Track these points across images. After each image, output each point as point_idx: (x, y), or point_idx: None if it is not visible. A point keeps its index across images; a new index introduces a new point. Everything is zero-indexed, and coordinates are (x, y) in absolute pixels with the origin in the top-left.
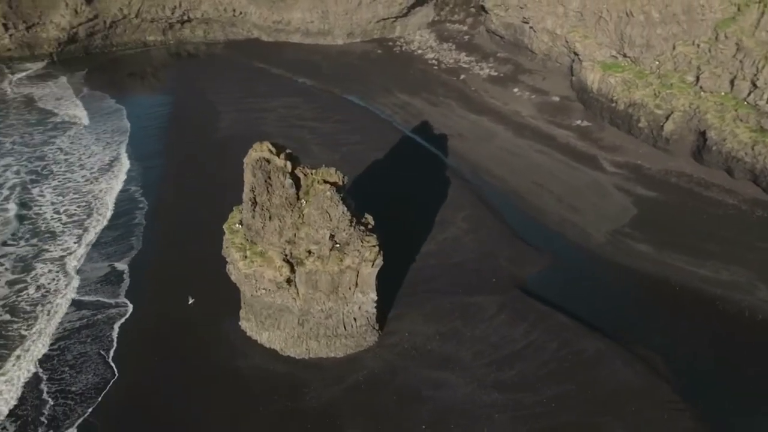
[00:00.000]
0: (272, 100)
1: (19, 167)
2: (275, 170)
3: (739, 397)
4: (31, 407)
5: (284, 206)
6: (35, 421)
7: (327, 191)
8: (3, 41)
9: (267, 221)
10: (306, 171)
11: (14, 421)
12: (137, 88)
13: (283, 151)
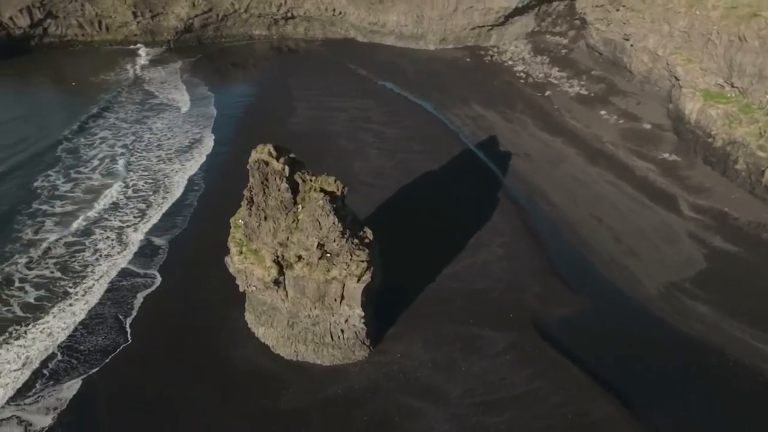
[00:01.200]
0: (348, 100)
1: (114, 141)
2: (273, 173)
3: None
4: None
5: (279, 209)
6: (36, 372)
7: (319, 200)
8: (131, 27)
9: (262, 221)
10: (305, 177)
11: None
12: (234, 77)
13: (284, 155)
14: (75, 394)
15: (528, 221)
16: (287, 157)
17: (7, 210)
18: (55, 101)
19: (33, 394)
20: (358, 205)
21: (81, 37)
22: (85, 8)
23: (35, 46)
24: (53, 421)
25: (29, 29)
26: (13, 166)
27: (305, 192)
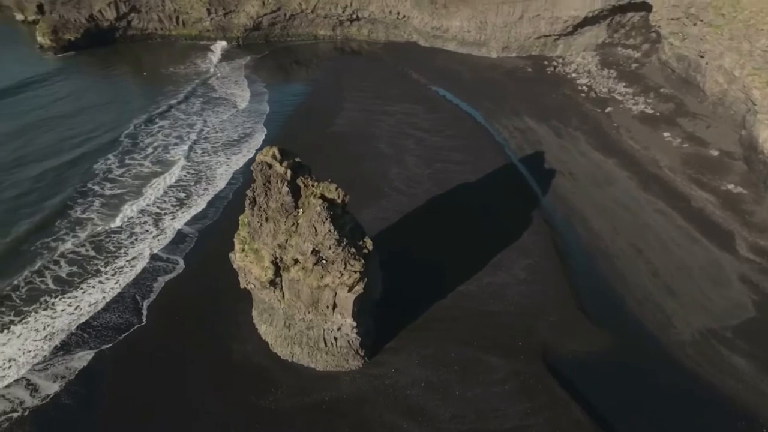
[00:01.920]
0: (397, 105)
1: (170, 131)
2: (275, 176)
3: None
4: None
5: (280, 212)
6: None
7: (317, 206)
8: (205, 23)
9: (264, 222)
10: (307, 182)
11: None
12: (294, 75)
13: (288, 159)
14: (85, 366)
15: (560, 245)
16: (290, 162)
17: (65, 188)
18: (128, 90)
19: (43, 361)
20: (385, 211)
21: (160, 31)
22: (165, 4)
23: (119, 37)
24: (59, 389)
25: (115, 22)
26: (84, 149)
27: (306, 197)
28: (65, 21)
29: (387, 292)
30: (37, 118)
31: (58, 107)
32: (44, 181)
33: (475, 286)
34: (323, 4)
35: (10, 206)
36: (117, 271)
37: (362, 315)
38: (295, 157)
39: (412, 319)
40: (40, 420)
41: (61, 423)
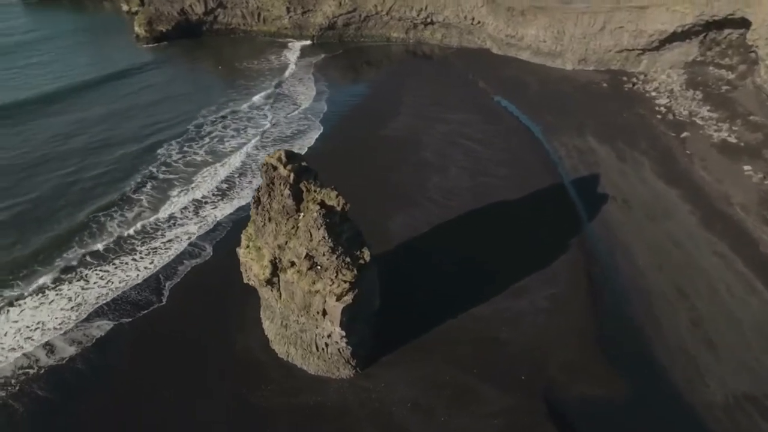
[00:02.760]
0: (454, 113)
1: (230, 122)
2: (278, 178)
3: None
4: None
5: (281, 213)
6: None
7: (314, 212)
8: (283, 21)
9: (267, 222)
10: (309, 187)
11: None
12: (361, 75)
13: (293, 162)
14: (102, 336)
15: (594, 277)
16: (295, 165)
17: (126, 167)
18: (206, 82)
19: (67, 325)
20: (414, 220)
21: (242, 27)
22: (249, 1)
23: (206, 30)
24: (75, 353)
25: (203, 16)
26: (155, 137)
27: (307, 201)
28: (160, 13)
29: (396, 303)
30: (124, 105)
31: (143, 96)
32: (116, 163)
33: (490, 309)
34: (398, 7)
35: (75, 184)
36: (152, 251)
37: (355, 325)
38: (302, 161)
39: (415, 335)
40: (51, 379)
41: (69, 385)
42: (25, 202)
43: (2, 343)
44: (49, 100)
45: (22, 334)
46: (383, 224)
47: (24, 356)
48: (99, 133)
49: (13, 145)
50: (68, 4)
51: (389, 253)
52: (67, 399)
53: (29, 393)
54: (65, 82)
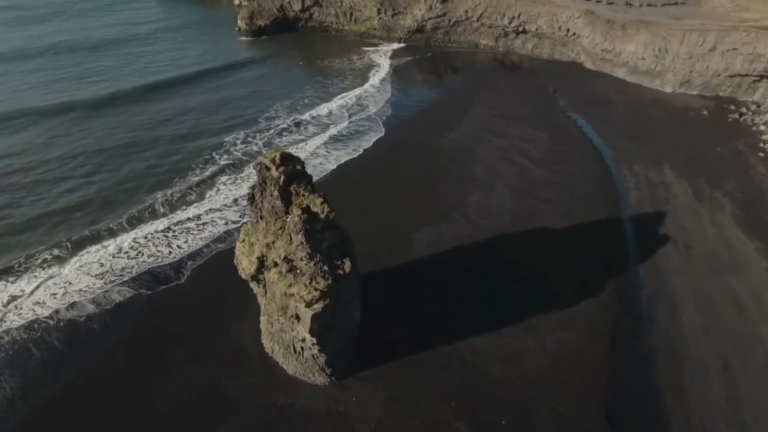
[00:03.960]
0: (518, 128)
1: (298, 116)
2: (270, 179)
3: None
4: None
5: (271, 213)
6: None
7: (295, 216)
8: (373, 22)
9: (259, 219)
10: (299, 191)
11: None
12: (439, 80)
13: (286, 165)
14: (121, 301)
15: (621, 327)
16: (288, 168)
17: (195, 154)
18: (292, 77)
19: (82, 287)
20: (440, 237)
21: (335, 25)
22: (344, 1)
23: (301, 27)
24: (92, 312)
25: (300, 13)
26: (229, 126)
27: (294, 205)
28: (262, 8)
29: (392, 319)
30: (212, 98)
31: (230, 89)
32: (188, 150)
33: (490, 342)
34: (489, 14)
35: (148, 166)
36: (185, 231)
37: (330, 334)
38: (297, 164)
39: (403, 355)
40: (68, 331)
41: (80, 339)
42: (102, 180)
43: (36, 296)
44: (152, 89)
45: (54, 290)
46: (408, 235)
47: (43, 306)
48: (184, 122)
49: (110, 129)
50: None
51: (403, 265)
52: (74, 352)
53: (47, 341)
54: (170, 73)
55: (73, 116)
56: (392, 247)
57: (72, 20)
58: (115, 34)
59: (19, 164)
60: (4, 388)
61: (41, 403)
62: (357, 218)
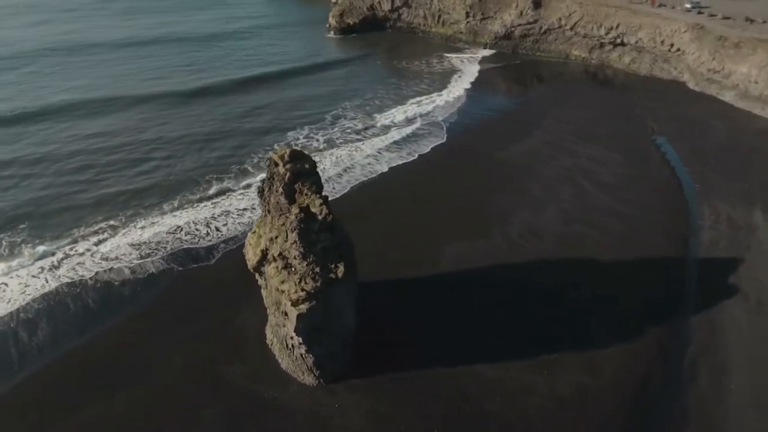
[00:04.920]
0: (591, 147)
1: (364, 115)
2: (277, 175)
3: None
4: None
5: (276, 208)
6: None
7: (292, 215)
8: (460, 25)
9: (267, 213)
10: (303, 189)
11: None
12: (520, 89)
13: (293, 163)
14: (153, 272)
15: (650, 385)
16: (295, 166)
17: (260, 143)
18: (367, 76)
19: (124, 255)
20: (473, 253)
21: (422, 27)
22: (433, 3)
23: (389, 27)
24: (127, 278)
25: (389, 13)
26: (298, 121)
27: (296, 203)
28: (353, 7)
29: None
30: (292, 94)
31: (309, 87)
32: (255, 141)
33: (494, 372)
34: (585, 23)
35: (218, 155)
36: (226, 214)
37: (320, 337)
38: (306, 163)
39: (400, 370)
40: (100, 291)
41: (108, 301)
42: (172, 165)
43: (83, 258)
44: (239, 84)
45: (100, 255)
46: (440, 247)
47: (84, 267)
48: (260, 116)
49: (195, 119)
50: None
51: (424, 277)
52: (101, 312)
53: (83, 299)
54: (258, 69)
55: (166, 104)
56: (418, 256)
57: (185, 13)
58: (219, 29)
59: (109, 144)
60: (38, 336)
61: (63, 354)
62: (388, 223)
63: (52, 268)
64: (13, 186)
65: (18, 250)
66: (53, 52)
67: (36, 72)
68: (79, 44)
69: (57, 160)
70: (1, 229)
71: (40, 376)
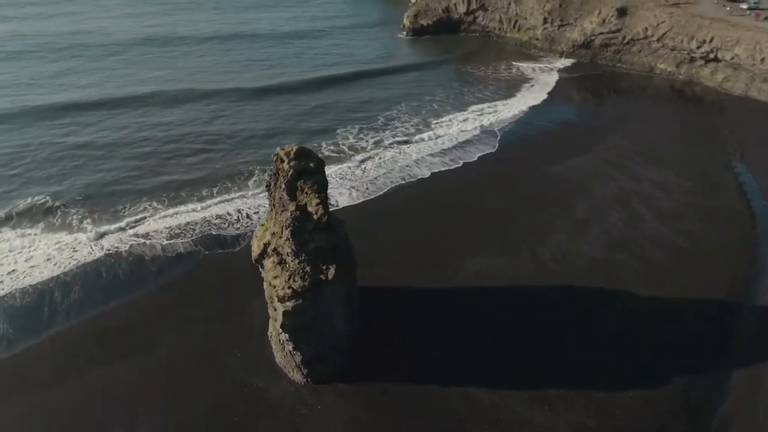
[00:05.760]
0: (655, 170)
1: (418, 120)
2: (281, 171)
3: None
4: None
5: (279, 204)
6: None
7: (288, 213)
8: (536, 31)
9: (272, 207)
10: (303, 187)
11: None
12: (587, 101)
13: (299, 161)
14: (181, 252)
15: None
16: (299, 163)
17: (312, 141)
18: (432, 79)
19: (160, 235)
20: (497, 269)
21: (497, 31)
22: (510, 7)
23: (463, 30)
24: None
25: (464, 16)
26: (352, 120)
27: (295, 201)
28: (428, 8)
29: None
30: (354, 96)
31: (372, 90)
32: (304, 140)
33: (490, 399)
34: (674, 34)
35: (270, 152)
36: (260, 206)
37: (308, 336)
38: (311, 162)
39: (391, 381)
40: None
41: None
42: (228, 158)
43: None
44: (307, 84)
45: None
46: (461, 258)
47: (128, 245)
48: (320, 115)
49: (260, 115)
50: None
51: (438, 289)
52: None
53: (115, 270)
54: (326, 71)
55: (234, 98)
56: (436, 265)
57: (269, 10)
58: (295, 27)
59: (173, 133)
60: (69, 299)
61: (87, 318)
62: (413, 228)
63: (97, 238)
64: (81, 165)
65: (73, 221)
66: (143, 42)
67: (125, 60)
68: (166, 36)
69: (124, 145)
70: (64, 202)
71: (63, 335)
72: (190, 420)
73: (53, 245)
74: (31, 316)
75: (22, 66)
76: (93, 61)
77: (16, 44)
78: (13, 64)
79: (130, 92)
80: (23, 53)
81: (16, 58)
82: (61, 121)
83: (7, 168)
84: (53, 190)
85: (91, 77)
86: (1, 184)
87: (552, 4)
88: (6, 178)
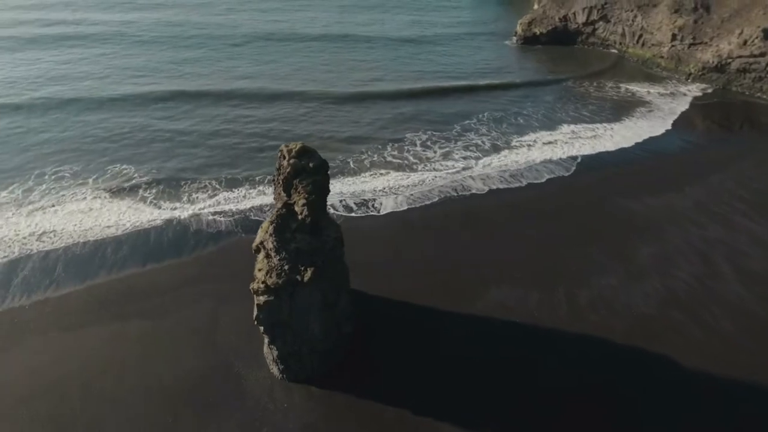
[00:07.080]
0: (760, 223)
1: (492, 136)
2: (281, 168)
3: None
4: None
5: (277, 199)
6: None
7: (276, 210)
8: (661, 49)
9: (275, 201)
10: (297, 186)
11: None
12: (706, 130)
13: (299, 159)
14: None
15: None
16: (298, 161)
17: (381, 143)
18: (530, 91)
19: (205, 212)
20: (522, 306)
21: (617, 45)
22: (636, 20)
23: (579, 41)
24: (196, 229)
25: (582, 26)
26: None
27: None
28: (544, 16)
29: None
30: (439, 108)
31: (465, 103)
32: (376, 146)
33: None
34: None
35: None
36: None
37: (284, 333)
38: (311, 162)
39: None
40: (172, 233)
41: (175, 244)
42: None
43: (177, 210)
44: (400, 93)
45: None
46: (485, 286)
47: (190, 213)
48: (399, 123)
49: (344, 122)
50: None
51: (448, 313)
52: (165, 251)
53: (159, 238)
54: (424, 83)
55: (328, 102)
56: (455, 288)
57: (391, 12)
58: (408, 33)
59: (257, 130)
60: (115, 257)
61: (121, 277)
62: (444, 245)
63: (158, 209)
64: (169, 148)
65: (144, 194)
66: (264, 38)
67: (239, 54)
68: (285, 33)
69: (210, 135)
70: (141, 176)
71: (99, 287)
72: (171, 390)
73: (123, 210)
74: (83, 266)
75: (153, 52)
76: (215, 52)
77: (155, 32)
78: (145, 50)
79: (236, 87)
80: (158, 39)
81: (152, 43)
82: (165, 106)
83: (106, 141)
84: (136, 166)
85: (207, 68)
86: (98, 154)
87: (685, 20)
88: (99, 151)
